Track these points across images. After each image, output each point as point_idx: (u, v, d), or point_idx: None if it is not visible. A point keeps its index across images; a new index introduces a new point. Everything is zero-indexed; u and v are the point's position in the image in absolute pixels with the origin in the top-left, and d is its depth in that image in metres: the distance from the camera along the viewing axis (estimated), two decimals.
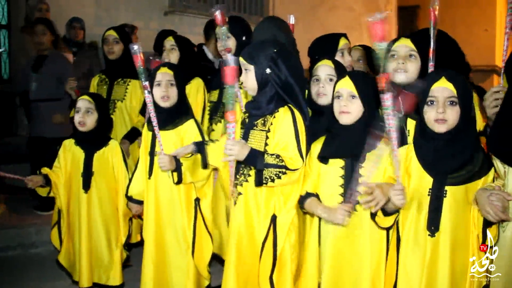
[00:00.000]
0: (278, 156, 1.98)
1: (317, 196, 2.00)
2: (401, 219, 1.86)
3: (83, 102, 2.68)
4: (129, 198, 2.59)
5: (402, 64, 2.05)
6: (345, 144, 1.94)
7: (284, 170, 1.96)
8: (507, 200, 1.63)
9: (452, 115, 1.73)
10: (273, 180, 1.98)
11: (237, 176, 2.14)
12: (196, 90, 2.86)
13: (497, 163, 1.84)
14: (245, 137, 2.14)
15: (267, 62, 2.04)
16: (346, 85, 1.94)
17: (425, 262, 1.77)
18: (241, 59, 2.08)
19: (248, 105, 2.16)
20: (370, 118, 1.90)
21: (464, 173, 1.75)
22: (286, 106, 2.07)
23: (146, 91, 2.31)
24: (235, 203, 2.16)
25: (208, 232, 2.50)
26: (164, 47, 3.19)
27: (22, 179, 2.60)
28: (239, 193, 2.13)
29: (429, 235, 1.77)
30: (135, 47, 2.26)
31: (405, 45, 2.09)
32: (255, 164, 2.01)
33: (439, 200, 1.75)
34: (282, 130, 2.02)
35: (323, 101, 2.21)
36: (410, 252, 1.82)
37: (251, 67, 2.07)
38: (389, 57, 2.09)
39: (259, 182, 2.02)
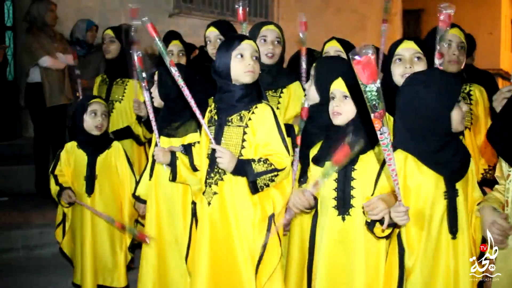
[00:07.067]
0: (265, 161, 1.97)
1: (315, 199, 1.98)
2: (404, 228, 1.76)
3: (100, 106, 2.68)
4: (137, 198, 2.57)
5: (410, 69, 2.00)
6: (337, 147, 1.86)
7: (276, 172, 1.96)
8: (507, 234, 1.64)
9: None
10: (268, 186, 2.00)
11: (212, 175, 2.08)
12: None
13: (501, 162, 1.78)
14: (219, 134, 2.07)
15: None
16: (339, 86, 1.90)
17: (449, 268, 1.71)
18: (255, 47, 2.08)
19: (218, 100, 2.11)
20: (364, 119, 1.85)
21: (460, 165, 1.77)
22: (263, 102, 2.07)
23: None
24: (209, 204, 2.08)
25: None
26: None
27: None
28: (214, 193, 2.07)
29: (452, 238, 1.72)
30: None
31: (411, 48, 2.03)
32: (245, 175, 1.99)
33: (453, 200, 1.72)
34: (265, 127, 2.01)
35: None
36: (427, 260, 1.73)
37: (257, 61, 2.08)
38: (394, 61, 2.06)
39: (255, 191, 2.01)
